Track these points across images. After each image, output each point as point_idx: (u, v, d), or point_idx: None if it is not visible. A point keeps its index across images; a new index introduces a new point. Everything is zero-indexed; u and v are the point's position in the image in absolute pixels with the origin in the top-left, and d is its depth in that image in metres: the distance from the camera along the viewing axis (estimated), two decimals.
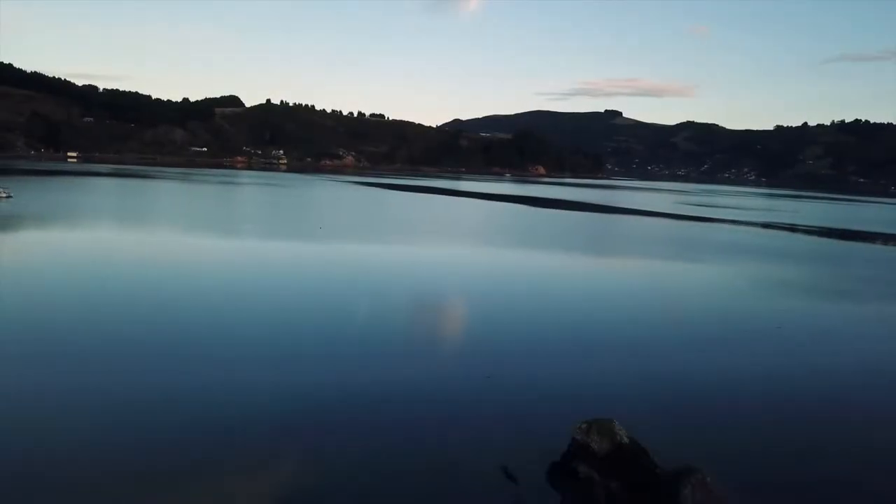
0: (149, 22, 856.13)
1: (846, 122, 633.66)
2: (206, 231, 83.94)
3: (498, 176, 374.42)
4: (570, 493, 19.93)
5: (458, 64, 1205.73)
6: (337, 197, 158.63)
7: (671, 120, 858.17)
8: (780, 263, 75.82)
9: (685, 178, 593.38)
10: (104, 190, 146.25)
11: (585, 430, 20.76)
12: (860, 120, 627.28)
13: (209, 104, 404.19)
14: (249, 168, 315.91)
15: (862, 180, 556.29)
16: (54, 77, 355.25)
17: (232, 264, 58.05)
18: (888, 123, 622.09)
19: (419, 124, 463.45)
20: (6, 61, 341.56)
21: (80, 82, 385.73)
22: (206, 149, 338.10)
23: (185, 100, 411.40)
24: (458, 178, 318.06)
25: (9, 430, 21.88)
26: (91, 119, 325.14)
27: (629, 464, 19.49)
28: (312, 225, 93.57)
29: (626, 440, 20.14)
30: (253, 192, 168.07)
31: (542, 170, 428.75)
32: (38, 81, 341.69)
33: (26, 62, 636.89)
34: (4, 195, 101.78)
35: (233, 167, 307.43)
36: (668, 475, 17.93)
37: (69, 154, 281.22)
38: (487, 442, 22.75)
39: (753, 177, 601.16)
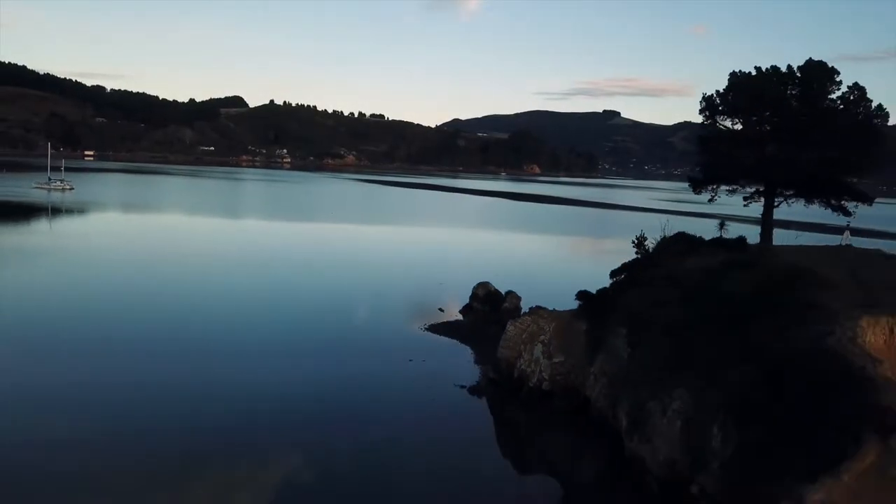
0: (149, 21, 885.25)
1: None
2: (240, 216, 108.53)
3: (494, 175, 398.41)
4: (466, 313, 44.01)
5: (458, 64, 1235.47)
6: (341, 191, 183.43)
7: (669, 120, 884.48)
8: None
9: (681, 178, 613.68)
10: (138, 183, 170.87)
11: (477, 286, 44.88)
12: None
13: (214, 104, 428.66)
14: (255, 166, 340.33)
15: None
16: (65, 78, 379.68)
17: (267, 241, 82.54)
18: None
19: (418, 124, 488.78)
20: (18, 63, 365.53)
21: (80, 80, 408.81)
22: (213, 148, 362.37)
23: (192, 100, 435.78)
24: (455, 177, 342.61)
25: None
26: (103, 119, 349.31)
27: (493, 298, 43.58)
28: (326, 210, 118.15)
29: (493, 289, 44.25)
30: (267, 187, 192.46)
31: (537, 169, 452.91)
32: (50, 82, 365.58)
33: (32, 62, 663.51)
34: (69, 187, 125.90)
35: (239, 165, 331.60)
36: (503, 294, 42.15)
37: (86, 153, 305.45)
38: (434, 300, 46.92)
39: None
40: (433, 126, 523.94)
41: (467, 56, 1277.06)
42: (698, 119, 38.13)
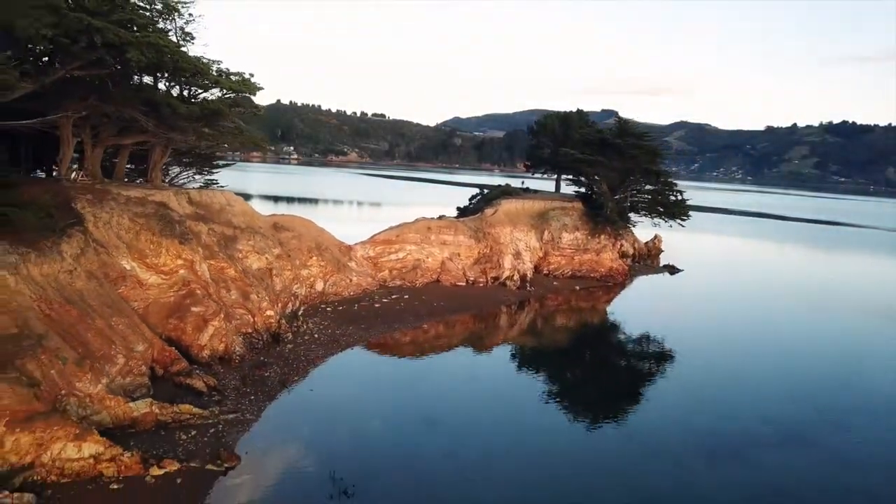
0: None
1: (833, 122, 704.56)
2: (296, 195, 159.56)
3: (487, 171, 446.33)
4: None
5: (459, 63, 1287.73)
6: (347, 183, 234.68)
7: (667, 119, 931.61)
8: None
9: (675, 177, 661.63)
10: None
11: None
12: (847, 121, 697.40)
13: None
14: (265, 162, 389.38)
15: (843, 180, 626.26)
16: None
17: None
18: (874, 125, 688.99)
19: (417, 123, 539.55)
20: None
21: None
22: (226, 145, 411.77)
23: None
24: (451, 173, 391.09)
25: None
26: None
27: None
28: (339, 193, 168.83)
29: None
30: (288, 178, 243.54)
31: None
32: None
33: None
34: None
35: (252, 161, 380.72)
36: None
37: None
38: None
39: (740, 175, 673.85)
40: (432, 125, 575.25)
41: (467, 55, 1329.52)
42: (694, 119, 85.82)
